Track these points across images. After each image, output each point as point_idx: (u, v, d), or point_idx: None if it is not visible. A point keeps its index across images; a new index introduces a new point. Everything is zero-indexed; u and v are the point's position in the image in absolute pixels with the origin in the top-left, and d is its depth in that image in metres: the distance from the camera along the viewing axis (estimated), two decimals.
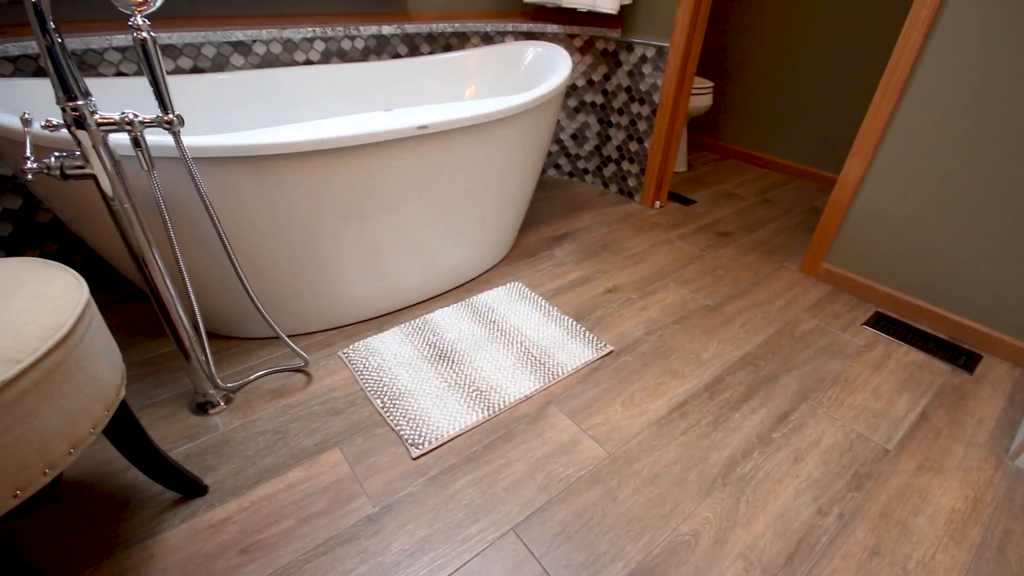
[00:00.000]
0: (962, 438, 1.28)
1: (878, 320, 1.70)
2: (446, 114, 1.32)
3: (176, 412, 1.25)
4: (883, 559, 1.01)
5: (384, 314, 1.62)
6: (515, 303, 1.68)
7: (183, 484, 1.03)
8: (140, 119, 0.87)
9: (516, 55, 2.13)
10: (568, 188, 2.60)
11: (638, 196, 2.45)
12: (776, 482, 1.14)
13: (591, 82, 2.40)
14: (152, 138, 1.02)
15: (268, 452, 1.16)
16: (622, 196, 2.52)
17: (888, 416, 1.33)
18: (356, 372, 1.38)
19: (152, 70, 0.85)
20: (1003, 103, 1.39)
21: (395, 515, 1.04)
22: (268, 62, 1.84)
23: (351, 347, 1.46)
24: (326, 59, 1.96)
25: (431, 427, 1.23)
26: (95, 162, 0.85)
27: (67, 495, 1.06)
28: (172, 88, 1.65)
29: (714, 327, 1.63)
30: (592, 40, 2.29)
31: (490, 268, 1.88)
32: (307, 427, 1.23)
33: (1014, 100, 1.37)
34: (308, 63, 1.92)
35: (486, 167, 1.53)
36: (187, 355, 1.16)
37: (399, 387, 1.33)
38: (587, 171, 2.63)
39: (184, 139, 1.06)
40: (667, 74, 2.09)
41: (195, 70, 1.71)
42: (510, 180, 1.66)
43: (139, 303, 1.63)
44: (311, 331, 1.53)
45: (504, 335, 1.53)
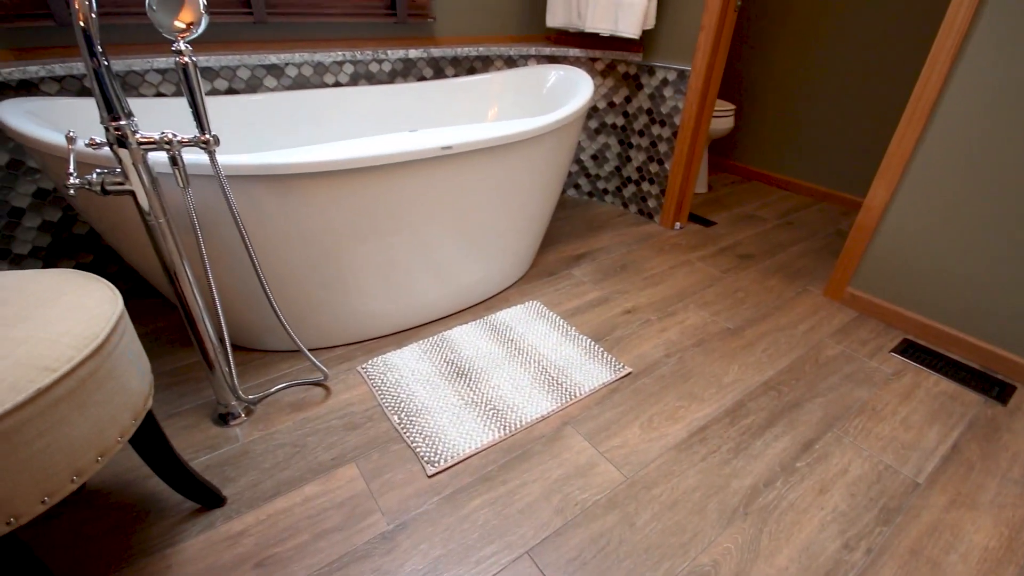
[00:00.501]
0: (996, 472, 1.23)
1: (907, 347, 1.66)
2: (470, 135, 1.35)
3: (198, 422, 1.27)
4: None
5: (403, 330, 1.63)
6: (533, 322, 1.68)
7: (202, 495, 1.05)
8: (178, 139, 0.91)
9: (539, 78, 2.17)
10: (587, 208, 2.61)
11: (658, 217, 2.44)
12: (800, 513, 1.11)
13: (612, 104, 2.42)
14: (188, 156, 1.06)
15: (286, 465, 1.17)
16: (642, 217, 2.52)
17: (918, 448, 1.28)
18: (374, 387, 1.39)
19: (192, 92, 0.89)
20: None
21: (409, 533, 1.03)
22: (299, 84, 1.91)
23: (370, 362, 1.48)
24: (355, 81, 2.03)
25: (447, 445, 1.22)
26: (134, 179, 0.89)
27: (90, 501, 1.08)
28: (209, 108, 1.72)
29: (735, 351, 1.60)
30: (613, 63, 2.33)
31: (509, 286, 1.89)
32: (324, 441, 1.24)
33: None
34: (337, 85, 1.99)
35: (507, 187, 1.55)
36: (211, 366, 1.19)
37: (416, 403, 1.34)
38: (607, 191, 2.64)
39: (218, 158, 1.10)
40: (688, 97, 2.11)
41: (230, 91, 1.78)
42: (530, 200, 1.68)
43: (168, 314, 1.68)
44: (331, 345, 1.55)
45: (522, 354, 1.53)
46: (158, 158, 1.05)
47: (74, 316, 0.74)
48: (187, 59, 0.86)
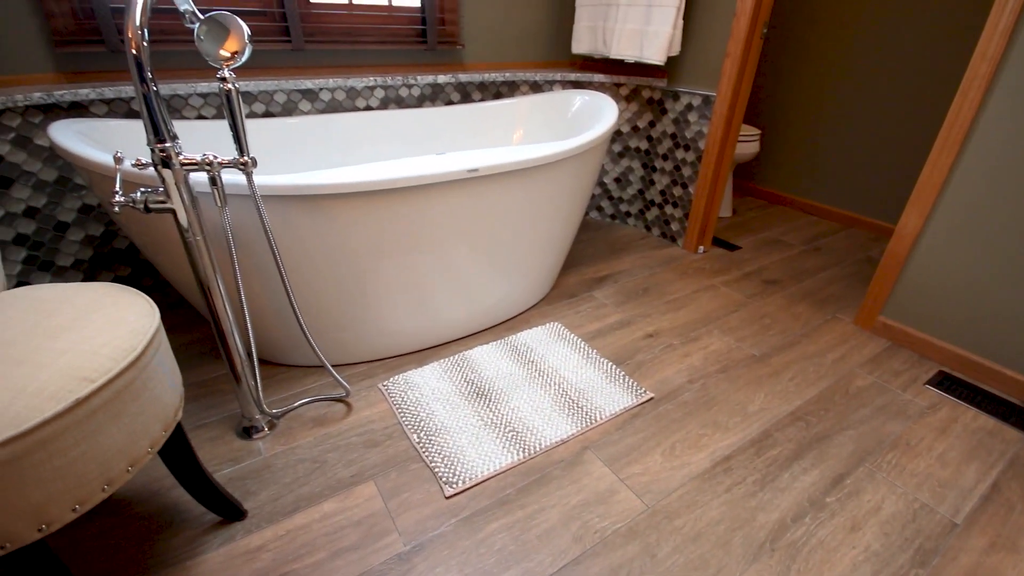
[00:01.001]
0: None
1: (942, 380, 1.59)
2: (495, 158, 1.38)
3: (223, 434, 1.29)
4: None
5: (425, 348, 1.64)
6: (554, 344, 1.67)
7: (224, 507, 1.06)
8: (218, 160, 0.95)
9: (563, 103, 2.21)
10: (610, 230, 2.62)
11: (681, 240, 2.43)
12: (830, 552, 1.06)
13: (636, 128, 2.44)
14: (226, 177, 1.11)
15: (306, 481, 1.18)
16: (664, 240, 2.51)
17: (955, 486, 1.23)
18: (395, 405, 1.40)
19: (233, 117, 0.94)
20: None
21: (426, 556, 1.03)
22: (332, 108, 1.98)
23: (391, 380, 1.49)
24: (385, 105, 2.09)
25: (465, 466, 1.22)
26: (176, 198, 0.93)
27: (115, 510, 1.10)
28: (247, 130, 1.79)
29: (761, 378, 1.57)
30: (638, 89, 2.35)
31: (530, 307, 1.89)
32: (344, 458, 1.24)
33: None
34: (368, 109, 2.05)
35: (531, 209, 1.56)
36: (238, 379, 1.21)
37: (436, 423, 1.34)
38: (629, 214, 2.64)
39: (254, 178, 1.14)
40: (713, 122, 2.11)
41: (267, 114, 1.86)
42: (554, 222, 1.69)
43: (198, 326, 1.72)
44: (353, 362, 1.57)
45: (542, 376, 1.52)
46: (198, 178, 1.09)
47: (113, 329, 0.77)
48: (230, 86, 0.91)
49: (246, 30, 0.92)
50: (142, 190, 0.94)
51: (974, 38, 2.21)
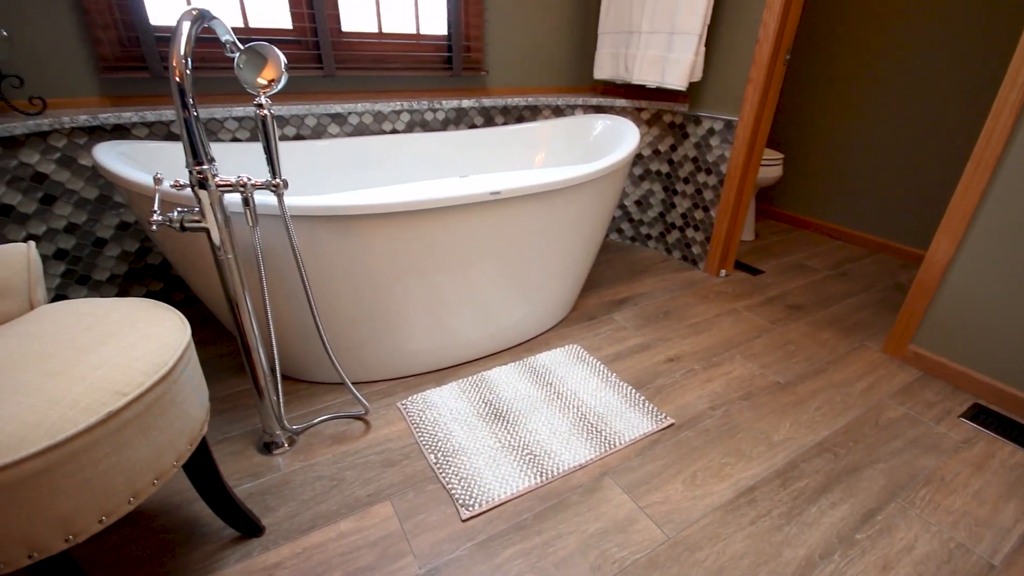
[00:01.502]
0: None
1: (977, 413, 1.53)
2: (517, 181, 1.39)
3: (244, 449, 1.31)
4: None
5: (443, 368, 1.65)
6: (573, 366, 1.66)
7: (243, 523, 1.07)
8: (252, 182, 0.98)
9: (585, 127, 2.23)
10: (630, 252, 2.61)
11: (702, 264, 2.41)
12: None
13: (657, 151, 2.45)
14: (257, 198, 1.14)
15: (323, 498, 1.18)
16: (685, 263, 2.49)
17: (993, 525, 1.17)
18: (412, 424, 1.40)
19: (268, 141, 0.97)
20: None
21: None
22: (360, 131, 2.04)
23: (409, 399, 1.49)
24: (410, 128, 2.14)
25: (482, 488, 1.21)
26: (210, 217, 0.97)
27: (136, 522, 1.12)
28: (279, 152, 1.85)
29: (786, 407, 1.53)
30: (659, 113, 2.37)
31: (549, 329, 1.89)
32: (362, 476, 1.24)
33: None
34: (394, 132, 2.11)
35: (552, 231, 1.57)
36: (261, 394, 1.23)
37: (453, 443, 1.33)
38: (650, 236, 2.64)
39: (284, 200, 1.17)
40: (735, 146, 2.11)
41: (297, 137, 1.92)
42: (574, 244, 1.69)
43: (224, 341, 1.76)
44: (373, 380, 1.58)
45: (560, 398, 1.51)
46: (231, 198, 1.13)
47: (146, 343, 0.79)
48: (266, 111, 0.95)
49: (283, 59, 0.96)
50: (179, 210, 0.98)
51: (1004, 59, 2.18)
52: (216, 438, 1.34)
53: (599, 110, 2.46)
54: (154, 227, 0.97)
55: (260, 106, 0.95)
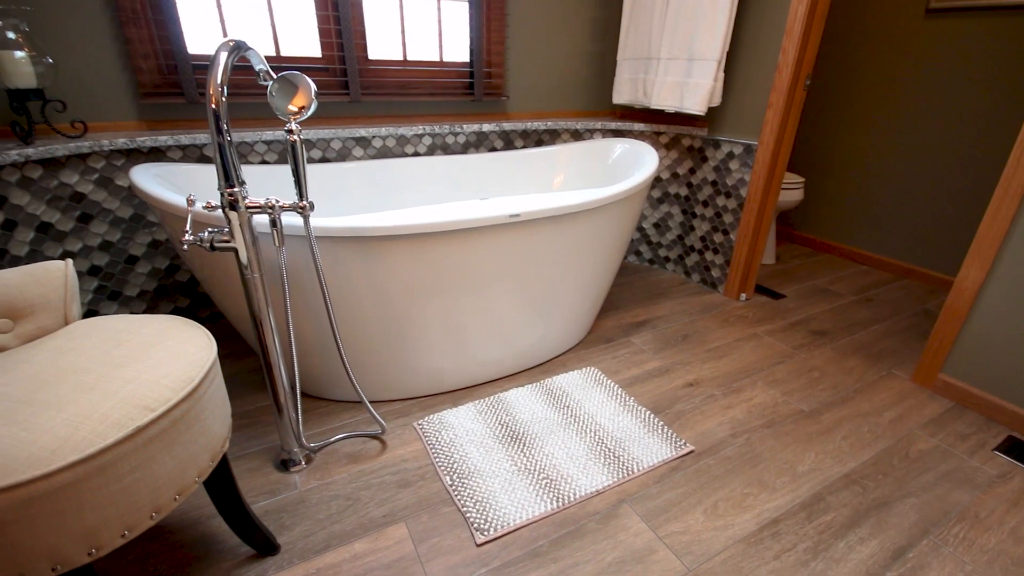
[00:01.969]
0: None
1: (1013, 446, 1.47)
2: (537, 204, 1.41)
3: (262, 466, 1.32)
4: None
5: (460, 388, 1.65)
6: (590, 389, 1.65)
7: (259, 541, 1.07)
8: (280, 204, 1.01)
9: (604, 150, 2.25)
10: (648, 275, 2.60)
11: (722, 287, 2.38)
12: None
13: (675, 175, 2.45)
14: (284, 219, 1.17)
15: (338, 518, 1.18)
16: (704, 286, 2.47)
17: None
18: (428, 445, 1.39)
19: (296, 164, 1.01)
20: None
21: None
22: (383, 153, 2.09)
23: (426, 419, 1.49)
24: (431, 151, 2.19)
25: (497, 512, 1.19)
26: (239, 238, 1.00)
27: (155, 536, 1.13)
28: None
29: (810, 436, 1.48)
30: (678, 137, 2.38)
31: (566, 351, 1.88)
32: (377, 496, 1.24)
33: None
34: (416, 155, 2.15)
35: (570, 254, 1.58)
36: (280, 411, 1.25)
37: (469, 465, 1.33)
38: (668, 259, 2.62)
39: (310, 221, 1.20)
40: (755, 170, 2.10)
41: (323, 159, 1.98)
42: (592, 267, 1.70)
43: (245, 358, 1.79)
44: (390, 399, 1.59)
45: (577, 422, 1.49)
46: (259, 219, 1.17)
47: (175, 360, 0.81)
48: (296, 137, 0.98)
49: (313, 88, 1.00)
50: (209, 230, 1.01)
51: None
52: (235, 454, 1.36)
53: (618, 134, 2.48)
54: (185, 246, 1.00)
55: (290, 132, 0.99)
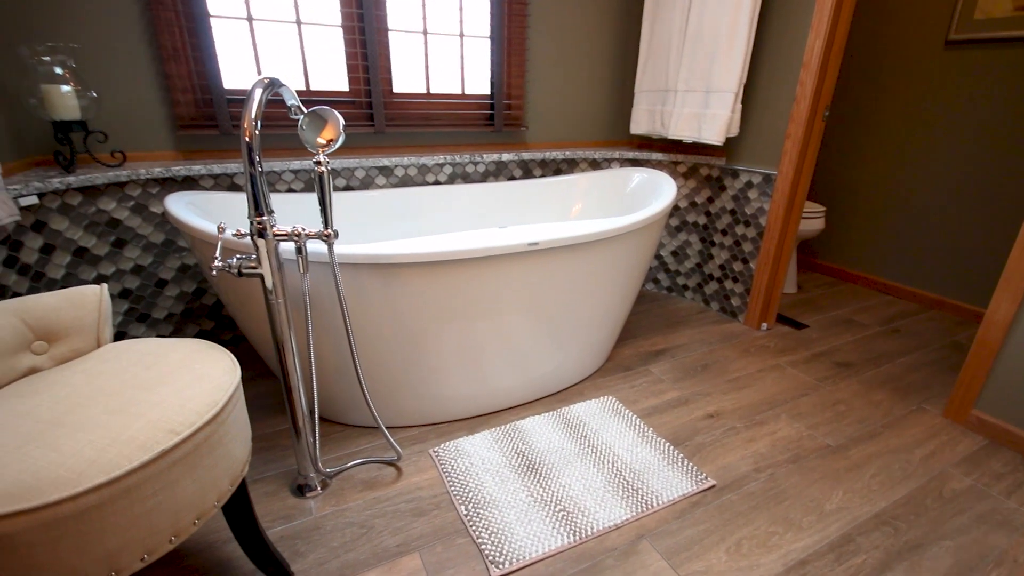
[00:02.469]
0: None
1: None
2: (555, 232, 1.42)
3: (278, 490, 1.32)
4: None
5: (476, 415, 1.64)
6: (608, 419, 1.62)
7: (273, 567, 1.06)
8: (305, 232, 1.04)
9: (622, 179, 2.27)
10: (666, 303, 2.58)
11: (742, 316, 2.35)
12: None
13: (693, 203, 2.46)
14: (308, 246, 1.21)
15: (352, 546, 1.17)
16: (724, 315, 2.44)
17: None
18: (444, 473, 1.38)
19: (323, 194, 1.04)
20: None
21: None
22: (404, 182, 2.14)
23: (441, 446, 1.49)
24: (451, 180, 2.24)
25: (513, 545, 1.17)
26: (266, 265, 1.03)
27: (170, 560, 1.13)
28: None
29: (838, 473, 1.43)
30: (696, 166, 2.39)
31: (583, 379, 1.86)
32: (391, 525, 1.23)
33: None
34: (437, 183, 2.20)
35: (588, 282, 1.58)
36: (299, 435, 1.25)
37: (484, 495, 1.31)
38: (687, 287, 2.60)
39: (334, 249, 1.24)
40: (775, 199, 2.10)
41: (347, 188, 2.04)
42: (610, 295, 1.69)
43: (264, 381, 1.81)
44: (406, 425, 1.59)
45: (595, 452, 1.47)
46: (285, 246, 1.20)
47: (200, 384, 0.83)
48: (323, 168, 1.02)
49: (341, 122, 1.04)
50: (237, 256, 1.05)
51: None
52: (252, 477, 1.36)
53: (635, 163, 2.51)
54: (215, 272, 1.03)
55: (318, 163, 1.02)
